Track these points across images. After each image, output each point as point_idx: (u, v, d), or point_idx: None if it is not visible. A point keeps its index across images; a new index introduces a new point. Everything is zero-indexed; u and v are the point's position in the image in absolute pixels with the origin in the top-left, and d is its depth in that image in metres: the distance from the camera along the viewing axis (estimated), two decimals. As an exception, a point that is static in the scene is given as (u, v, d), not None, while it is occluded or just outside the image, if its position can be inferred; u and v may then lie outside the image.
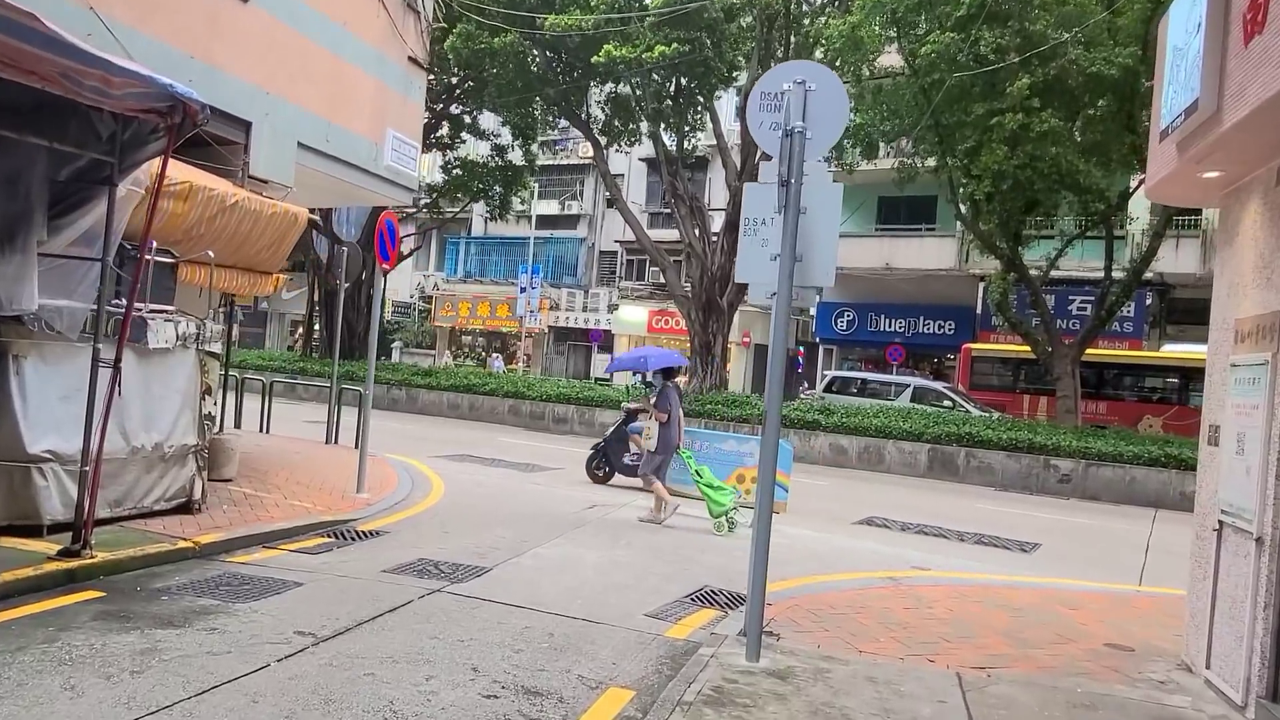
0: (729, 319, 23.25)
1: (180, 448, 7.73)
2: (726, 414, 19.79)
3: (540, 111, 27.36)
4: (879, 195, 29.14)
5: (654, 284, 34.85)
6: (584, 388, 23.27)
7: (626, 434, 12.36)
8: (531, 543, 8.37)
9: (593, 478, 12.85)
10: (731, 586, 7.34)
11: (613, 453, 12.76)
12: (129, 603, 5.49)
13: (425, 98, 28.14)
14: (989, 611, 7.03)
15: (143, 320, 7.31)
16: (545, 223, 39.20)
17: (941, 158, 19.35)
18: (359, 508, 9.30)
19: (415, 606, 5.96)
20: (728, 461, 10.49)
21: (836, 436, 18.74)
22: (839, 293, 30.46)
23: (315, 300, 32.16)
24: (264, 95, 9.79)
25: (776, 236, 5.68)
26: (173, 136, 5.92)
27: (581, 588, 6.90)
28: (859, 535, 10.60)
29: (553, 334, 39.44)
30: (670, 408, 9.73)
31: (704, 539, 9.33)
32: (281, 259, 9.81)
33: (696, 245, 22.81)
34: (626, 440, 12.35)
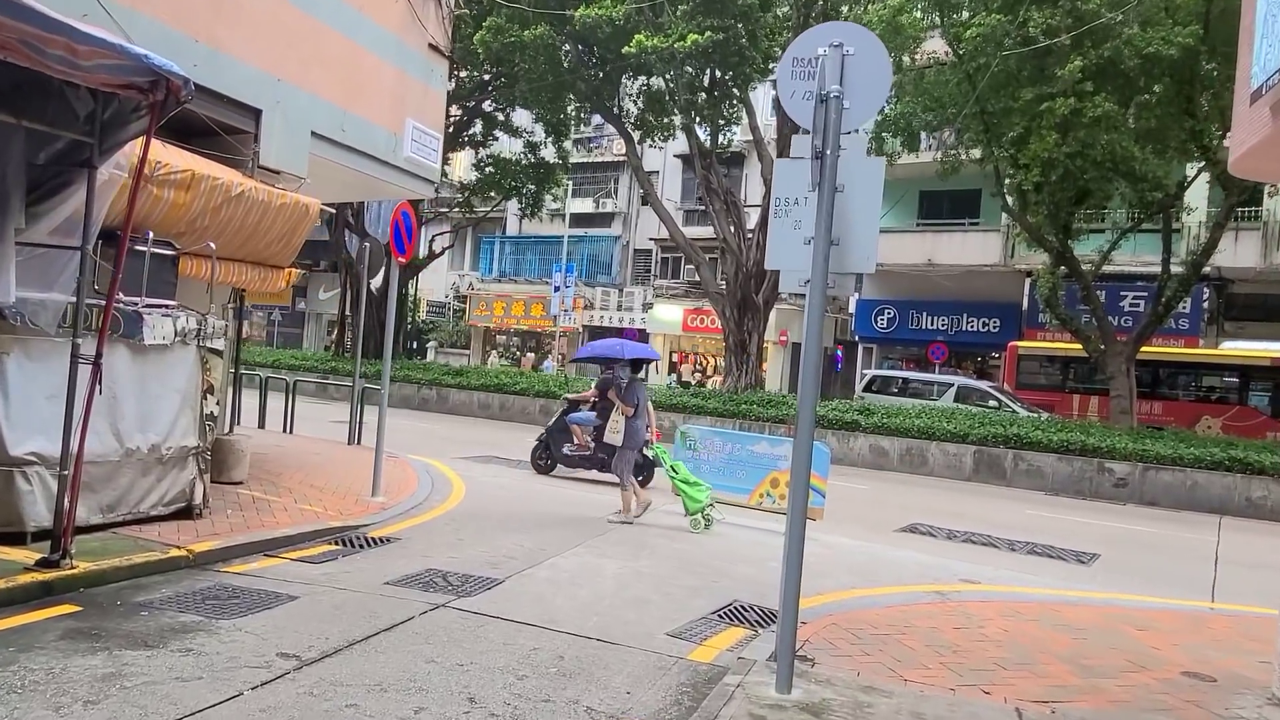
0: (765, 317, 22.57)
1: (180, 449, 7.33)
2: (761, 414, 19.17)
3: (573, 108, 26.94)
4: (920, 189, 28.30)
5: (689, 282, 34.27)
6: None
7: (567, 424, 12.59)
8: (550, 551, 7.85)
9: (536, 468, 13.05)
10: (764, 601, 6.76)
11: (554, 444, 12.88)
12: (104, 619, 5.06)
13: (450, 89, 27.99)
14: (1048, 633, 6.37)
15: (138, 315, 6.92)
16: (580, 221, 38.78)
17: (987, 147, 18.53)
18: (372, 512, 8.86)
19: (415, 624, 5.47)
20: (759, 465, 9.91)
21: (877, 438, 18.03)
22: (879, 290, 29.66)
23: (348, 300, 32.02)
24: (274, 82, 9.40)
25: (810, 218, 5.11)
26: (155, 115, 5.49)
27: (598, 602, 6.37)
28: (901, 544, 9.95)
29: (587, 333, 38.98)
30: (637, 401, 9.59)
31: (736, 548, 8.76)
32: (293, 253, 9.41)
33: (731, 241, 22.17)
34: (568, 430, 12.58)
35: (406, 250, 9.98)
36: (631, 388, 9.77)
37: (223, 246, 8.42)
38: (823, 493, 9.37)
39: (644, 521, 9.66)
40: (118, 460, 6.79)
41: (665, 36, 19.06)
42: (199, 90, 8.57)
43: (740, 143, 31.92)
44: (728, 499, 10.08)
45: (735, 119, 23.88)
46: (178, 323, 7.29)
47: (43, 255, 5.74)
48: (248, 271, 8.95)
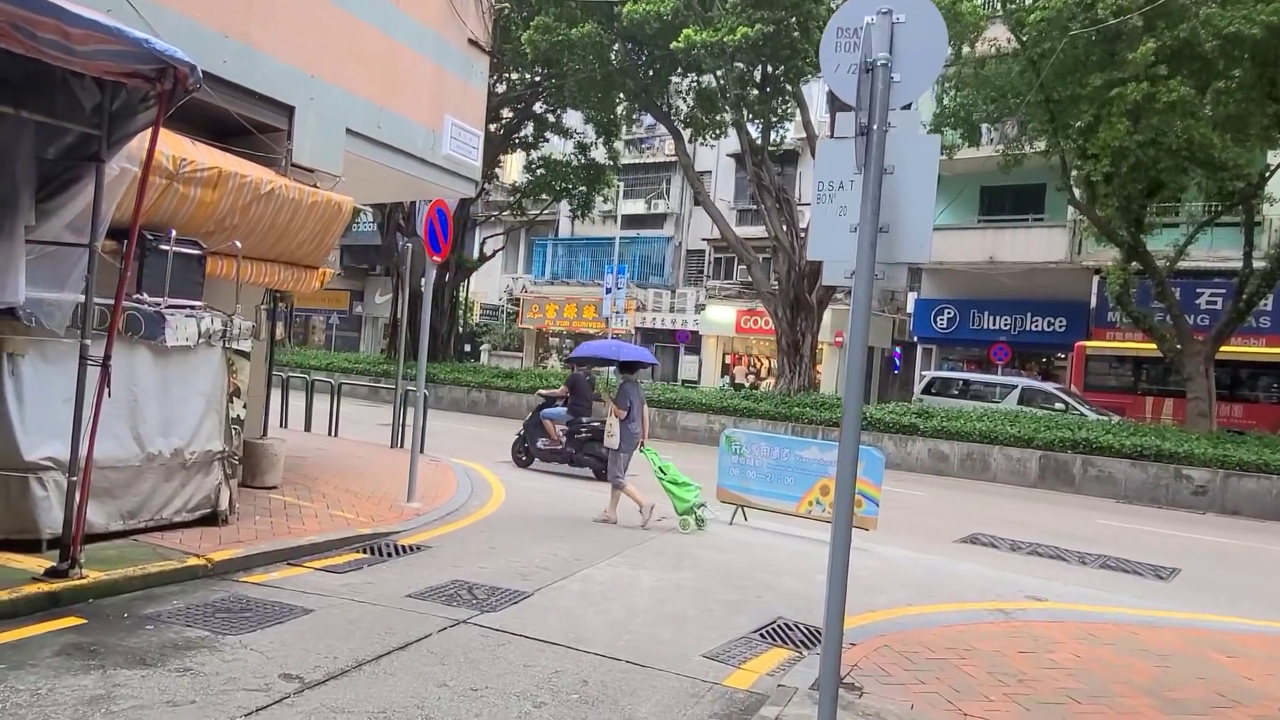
0: (819, 317, 21.96)
1: (204, 454, 7.13)
2: (815, 417, 18.58)
3: (622, 108, 26.65)
4: (981, 185, 27.31)
5: (742, 283, 33.68)
6: (665, 390, 22.36)
7: (541, 420, 13.26)
8: (584, 561, 7.48)
9: (516, 462, 13.52)
10: (810, 618, 6.29)
11: (530, 439, 13.38)
12: (106, 633, 4.82)
13: (501, 91, 27.92)
14: (1125, 659, 5.78)
15: (160, 316, 6.73)
16: (631, 222, 38.47)
17: (1053, 137, 17.66)
18: (405, 519, 8.60)
19: (432, 642, 5.13)
20: (808, 471, 9.39)
21: (936, 442, 17.31)
22: (938, 289, 28.76)
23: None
24: (307, 78, 9.20)
25: (856, 203, 4.64)
26: (164, 105, 5.26)
27: (631, 619, 5.96)
28: (962, 555, 9.35)
29: (639, 335, 38.65)
30: (630, 404, 9.45)
31: (782, 559, 8.28)
32: (326, 252, 9.21)
33: (784, 239, 21.61)
34: (541, 426, 13.20)
35: (442, 249, 9.71)
36: (625, 390, 9.63)
37: (253, 246, 8.24)
38: (876, 500, 8.83)
39: (688, 531, 9.25)
40: (139, 465, 6.61)
41: (714, 30, 18.63)
42: (230, 87, 8.48)
43: (793, 140, 31.27)
44: (775, 507, 9.60)
45: (788, 115, 23.33)
46: (202, 324, 7.09)
47: (53, 254, 5.55)
48: (280, 271, 8.75)
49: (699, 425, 20.04)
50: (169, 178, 7.01)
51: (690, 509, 9.25)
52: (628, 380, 9.85)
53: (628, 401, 9.46)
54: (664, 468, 9.51)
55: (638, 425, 9.52)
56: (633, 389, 9.66)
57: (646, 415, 9.73)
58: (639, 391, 9.75)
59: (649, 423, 9.78)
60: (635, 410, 9.49)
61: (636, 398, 9.59)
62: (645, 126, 39.42)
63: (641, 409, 9.60)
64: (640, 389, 9.86)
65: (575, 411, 13.15)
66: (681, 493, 9.28)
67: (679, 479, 9.39)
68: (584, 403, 13.21)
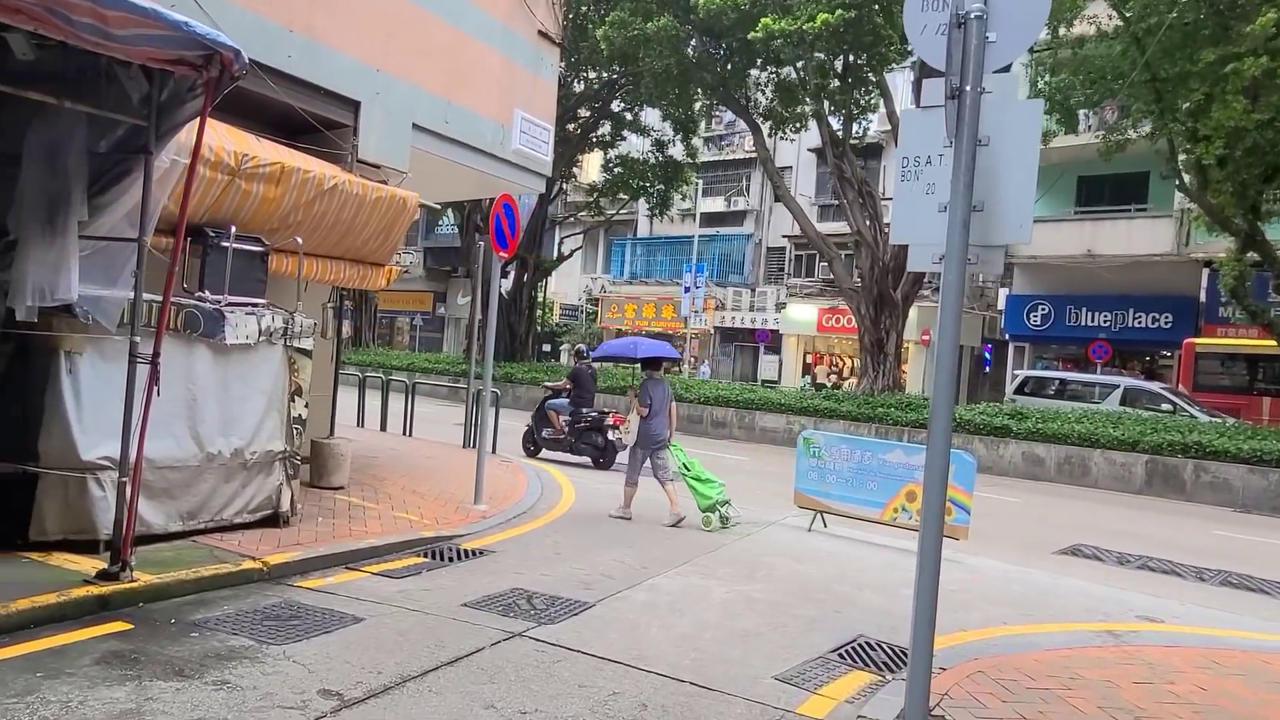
0: (904, 314, 21.11)
1: (265, 454, 7.00)
2: (900, 419, 17.82)
3: (700, 104, 26.20)
4: (1078, 174, 25.95)
5: (824, 280, 32.84)
6: (743, 390, 21.83)
7: (546, 411, 13.98)
8: (652, 570, 7.10)
9: (526, 452, 14.11)
10: (894, 637, 5.78)
11: (536, 428, 14.14)
12: (150, 640, 4.65)
13: (579, 90, 27.78)
14: (1258, 692, 5.11)
15: (219, 313, 6.62)
16: (711, 220, 37.95)
17: (1159, 119, 16.50)
18: (470, 522, 8.36)
19: (483, 657, 4.81)
20: (893, 476, 8.81)
21: (1031, 444, 16.37)
22: (1032, 284, 27.47)
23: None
24: (373, 73, 9.07)
25: (945, 180, 4.15)
26: (210, 93, 5.08)
27: (699, 635, 5.55)
28: (1063, 569, 8.64)
29: (718, 335, 38.13)
30: (651, 401, 9.28)
31: (865, 571, 7.74)
32: (393, 249, 9.05)
33: (867, 234, 20.84)
34: (546, 416, 13.92)
35: (510, 245, 9.47)
36: (646, 386, 9.48)
37: (317, 243, 8.13)
38: (967, 508, 8.21)
39: (765, 539, 8.80)
40: (198, 465, 6.50)
41: (793, 18, 18.04)
42: (295, 83, 8.39)
43: (877, 133, 30.31)
44: (857, 513, 9.05)
45: (871, 106, 22.51)
46: (262, 321, 6.96)
47: (105, 250, 5.45)
48: (345, 269, 8.63)
49: (778, 426, 19.47)
50: (231, 174, 6.91)
51: (713, 506, 9.07)
52: (650, 377, 9.66)
53: (649, 398, 9.29)
54: (688, 464, 9.34)
55: (661, 422, 9.34)
56: (654, 385, 9.47)
57: (674, 412, 9.56)
58: (663, 388, 9.56)
59: (675, 419, 9.62)
60: (658, 407, 9.32)
61: (659, 394, 9.40)
62: (725, 123, 38.91)
63: (667, 406, 9.42)
64: (665, 385, 9.68)
65: (576, 403, 13.71)
66: (704, 489, 9.11)
67: (703, 475, 9.23)
68: (585, 394, 13.78)
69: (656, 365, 9.89)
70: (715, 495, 9.13)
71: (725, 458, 16.08)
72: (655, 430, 9.32)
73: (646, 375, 9.77)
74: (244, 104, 8.34)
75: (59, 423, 5.69)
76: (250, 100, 8.28)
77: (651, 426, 9.30)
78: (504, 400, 24.07)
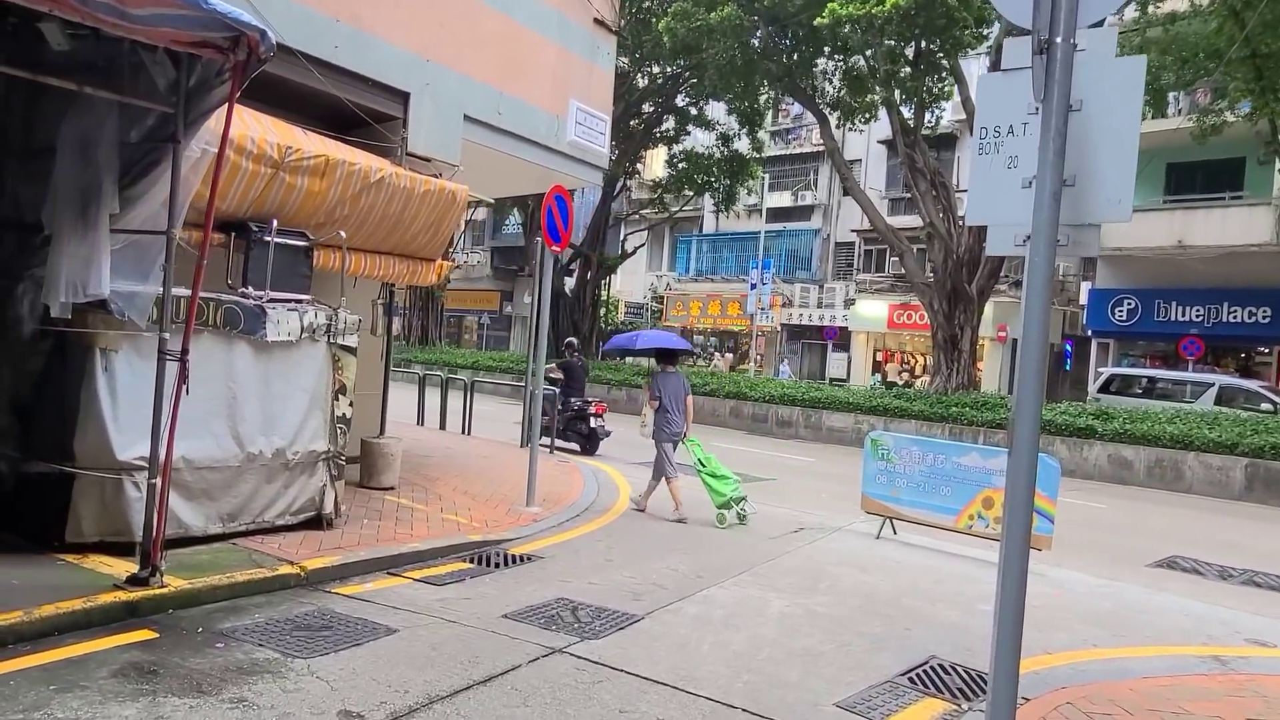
0: (979, 309, 20.23)
1: (308, 454, 6.80)
2: (975, 418, 17.04)
3: (765, 96, 25.62)
4: (1167, 161, 24.55)
5: (895, 275, 31.87)
6: (810, 388, 21.23)
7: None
8: (707, 579, 6.69)
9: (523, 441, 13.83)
10: (970, 659, 5.28)
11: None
12: (173, 650, 4.44)
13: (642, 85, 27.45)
14: (1396, 736, 4.48)
15: (260, 309, 6.43)
16: (778, 215, 37.21)
17: (1259, 98, 15.41)
18: (521, 525, 8.07)
19: (518, 676, 4.48)
20: (969, 480, 8.23)
21: (1117, 446, 15.45)
22: (1117, 277, 26.12)
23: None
24: (422, 63, 8.84)
25: (1030, 152, 3.66)
26: (238, 78, 4.85)
27: (754, 653, 5.13)
28: (1157, 583, 7.95)
29: (785, 332, 37.40)
30: (661, 393, 9.18)
31: (938, 583, 7.21)
32: (443, 243, 8.82)
33: (939, 225, 20.02)
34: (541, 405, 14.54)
35: (562, 238, 9.15)
36: (656, 379, 9.42)
37: (365, 238, 7.93)
38: (1050, 516, 7.59)
39: (829, 547, 8.32)
40: (238, 465, 6.32)
41: (861, 2, 17.36)
42: (342, 74, 8.19)
43: (950, 123, 29.31)
44: (929, 520, 8.49)
45: (944, 94, 21.66)
46: (305, 318, 6.77)
47: (136, 244, 5.28)
48: (394, 264, 8.42)
49: (845, 426, 18.83)
50: (274, 167, 6.74)
51: (727, 502, 8.94)
52: (662, 370, 9.56)
53: (658, 391, 9.24)
54: (704, 460, 9.22)
55: (675, 416, 9.22)
56: (665, 378, 9.37)
57: (690, 406, 9.41)
58: (675, 381, 9.42)
59: (691, 412, 9.47)
60: (669, 401, 9.20)
61: (671, 388, 9.29)
62: (792, 117, 38.17)
63: (681, 400, 9.29)
64: (678, 378, 9.52)
65: (566, 393, 14.33)
66: (718, 486, 8.99)
67: (718, 472, 9.11)
68: (574, 385, 14.47)
69: (671, 359, 9.74)
70: (729, 492, 8.96)
71: (790, 458, 15.58)
72: (671, 425, 9.20)
73: (659, 368, 9.64)
74: (292, 97, 8.22)
75: (94, 422, 5.56)
76: (299, 93, 8.14)
77: (666, 420, 9.18)
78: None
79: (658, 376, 9.47)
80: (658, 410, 9.21)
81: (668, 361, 9.66)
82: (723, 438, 18.26)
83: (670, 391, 9.26)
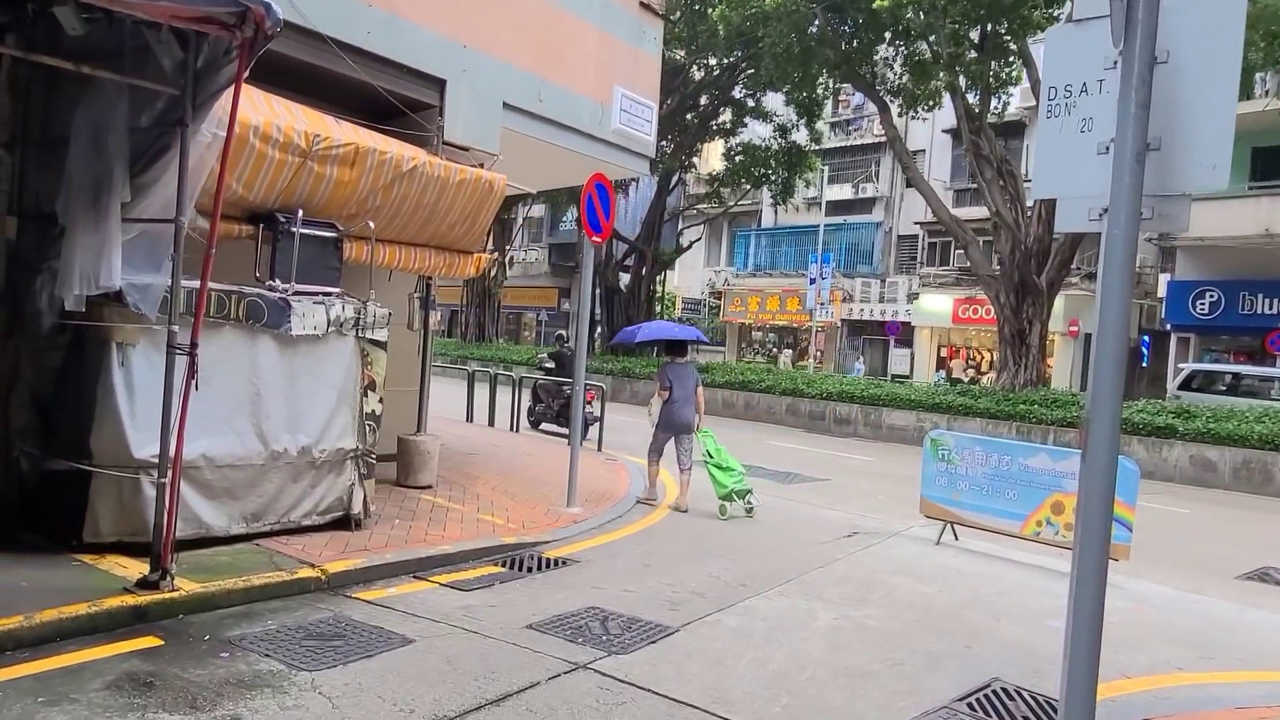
0: (1049, 302, 19.31)
1: (335, 452, 6.58)
2: (1044, 416, 16.24)
3: (823, 84, 24.91)
4: (1252, 145, 23.21)
5: (960, 269, 30.83)
6: (870, 385, 20.56)
7: (537, 388, 15.58)
8: (751, 587, 6.28)
9: (531, 425, 15.36)
10: (1038, 682, 4.78)
11: (533, 404, 15.52)
12: (175, 660, 4.20)
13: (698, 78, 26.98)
14: None
15: (284, 303, 6.22)
16: (838, 208, 36.33)
17: (1358, 74, 14.31)
18: (560, 526, 7.76)
19: (536, 695, 4.14)
20: (1037, 483, 7.64)
21: (1200, 447, 14.53)
22: (1198, 269, 24.81)
23: (598, 298, 32.06)
24: (459, 49, 8.58)
25: (1107, 112, 3.19)
26: (245, 56, 4.60)
27: (797, 673, 4.71)
28: (1249, 597, 7.28)
29: (845, 327, 36.56)
30: (670, 384, 9.14)
31: (1001, 595, 6.68)
32: (480, 235, 8.55)
33: (1007, 215, 19.16)
34: (538, 394, 15.56)
35: (603, 228, 8.81)
36: (665, 370, 9.39)
37: (400, 229, 7.70)
38: (1128, 524, 7.00)
39: (883, 554, 7.83)
40: (262, 464, 6.12)
41: (924, -16, 16.67)
42: (375, 60, 7.95)
43: (1018, 110, 28.22)
44: (993, 525, 7.93)
45: (1012, 79, 20.77)
46: (331, 311, 6.54)
47: (148, 233, 5.08)
48: (430, 257, 8.16)
49: (907, 424, 18.15)
50: (302, 156, 6.53)
51: (729, 494, 8.86)
52: (672, 360, 9.54)
53: (668, 381, 9.21)
54: (712, 452, 9.11)
55: (685, 408, 9.17)
56: (673, 369, 9.34)
57: (700, 397, 9.36)
58: (684, 372, 9.36)
59: (702, 404, 9.40)
60: (677, 392, 9.15)
61: (679, 379, 9.24)
62: (852, 107, 37.29)
63: (691, 391, 9.25)
64: (687, 370, 9.47)
65: (558, 381, 15.12)
66: (721, 477, 8.91)
67: (724, 464, 9.02)
68: (566, 373, 14.79)
69: (681, 350, 9.69)
70: (731, 484, 8.89)
71: (847, 458, 15.02)
72: (679, 416, 9.15)
73: (669, 359, 9.61)
74: (326, 87, 8.02)
75: (111, 418, 5.39)
76: (333, 83, 7.94)
77: (674, 411, 9.13)
78: (621, 395, 23.71)
79: (668, 367, 9.41)
80: (667, 400, 9.16)
81: (677, 353, 9.63)
82: (778, 435, 17.76)
83: (681, 382, 9.20)
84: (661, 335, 10.69)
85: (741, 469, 9.15)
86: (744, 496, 8.94)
